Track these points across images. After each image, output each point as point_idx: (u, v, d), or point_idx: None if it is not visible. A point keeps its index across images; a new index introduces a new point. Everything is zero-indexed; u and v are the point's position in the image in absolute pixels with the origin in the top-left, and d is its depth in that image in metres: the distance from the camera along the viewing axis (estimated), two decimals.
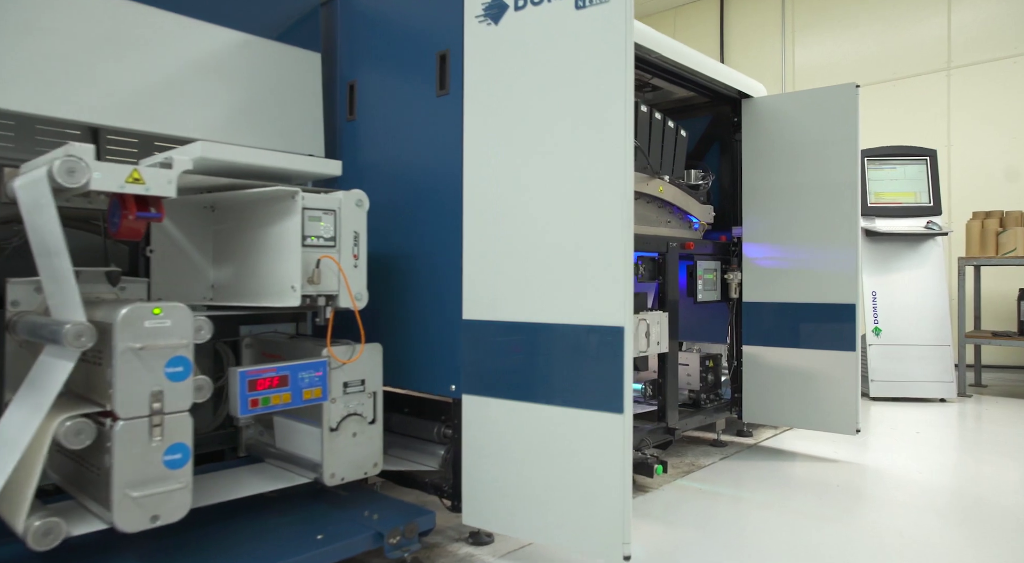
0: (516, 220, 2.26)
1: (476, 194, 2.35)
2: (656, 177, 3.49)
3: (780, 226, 3.87)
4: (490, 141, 2.32)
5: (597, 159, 2.08)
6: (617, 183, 2.04)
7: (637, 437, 3.38)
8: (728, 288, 4.02)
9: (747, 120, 3.99)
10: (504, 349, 2.29)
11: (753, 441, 4.15)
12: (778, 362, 3.87)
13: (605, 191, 2.06)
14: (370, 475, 2.32)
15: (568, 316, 2.13)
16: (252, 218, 2.31)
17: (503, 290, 2.28)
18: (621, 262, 2.03)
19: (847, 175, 3.66)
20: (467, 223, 2.37)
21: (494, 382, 2.31)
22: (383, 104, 2.74)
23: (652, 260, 3.55)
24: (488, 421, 2.32)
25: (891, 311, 5.51)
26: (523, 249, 2.24)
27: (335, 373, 2.22)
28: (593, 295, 2.08)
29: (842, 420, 3.69)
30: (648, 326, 3.31)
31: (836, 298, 3.69)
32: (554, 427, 2.17)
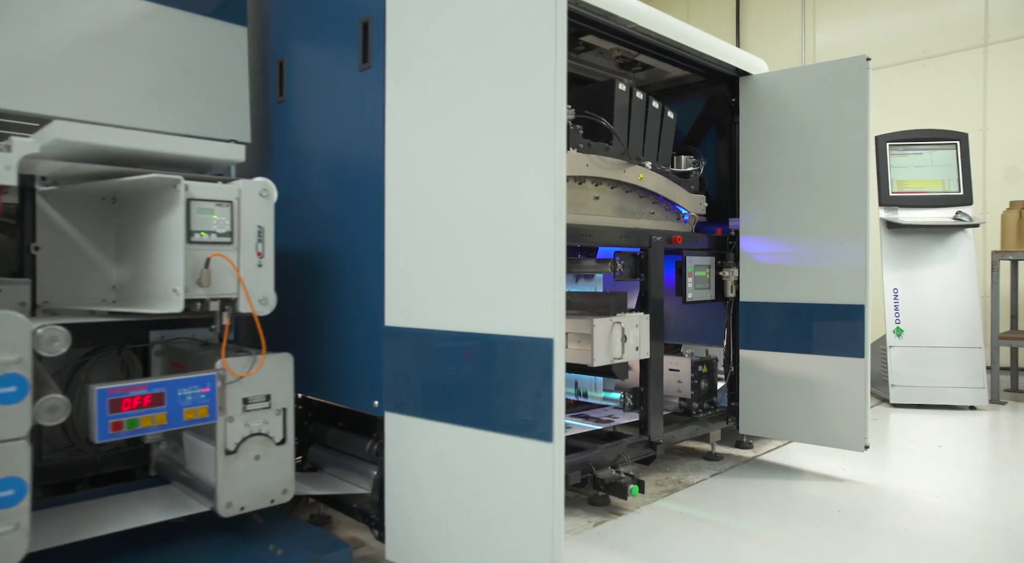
0: (439, 211, 1.94)
1: (398, 182, 2.04)
2: (636, 163, 3.14)
3: (781, 217, 3.48)
4: (412, 120, 2.01)
5: (521, 138, 1.75)
6: (545, 167, 1.71)
7: (614, 452, 3.05)
8: (724, 286, 3.65)
9: (745, 100, 3.61)
10: (428, 362, 1.98)
11: (752, 454, 3.78)
12: (778, 368, 3.50)
13: (530, 176, 1.73)
14: (278, 503, 2.04)
15: (490, 324, 1.82)
16: (145, 211, 2.04)
17: (425, 292, 1.98)
18: (550, 261, 1.70)
19: (856, 160, 3.26)
20: (389, 215, 2.07)
21: (418, 399, 2.00)
22: (312, 83, 2.45)
23: (633, 256, 3.21)
24: (412, 444, 2.01)
25: (914, 310, 5.06)
26: (445, 244, 1.92)
27: (232, 388, 1.93)
28: (517, 300, 1.76)
29: (849, 435, 3.30)
30: (623, 330, 2.97)
31: (843, 298, 3.30)
32: (479, 454, 1.85)
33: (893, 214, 5.18)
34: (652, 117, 3.29)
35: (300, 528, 2.15)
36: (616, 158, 3.03)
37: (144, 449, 2.33)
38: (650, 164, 3.21)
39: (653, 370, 3.23)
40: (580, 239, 2.87)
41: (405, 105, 2.02)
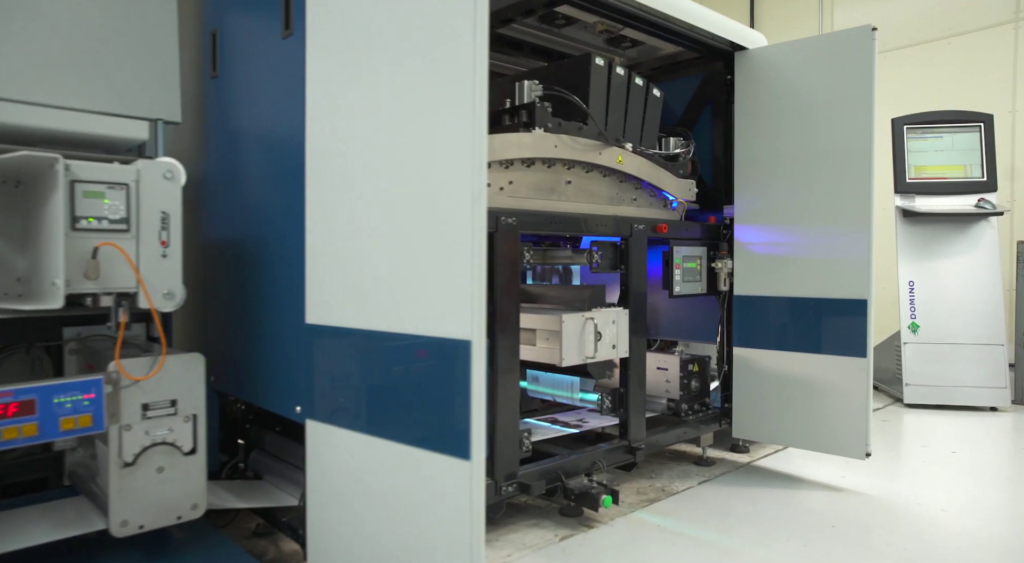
0: (356, 193, 1.72)
1: (318, 162, 1.82)
2: (614, 145, 2.87)
3: (778, 204, 3.20)
4: (332, 93, 1.78)
5: (436, 107, 1.52)
6: (461, 140, 1.47)
7: (589, 458, 2.82)
8: (716, 279, 3.38)
9: (741, 77, 3.32)
10: (345, 365, 1.76)
11: (748, 459, 3.51)
12: (774, 368, 3.22)
13: (447, 152, 1.50)
14: (186, 519, 1.84)
15: (404, 323, 1.59)
16: (40, 195, 1.84)
17: (342, 285, 1.76)
18: (467, 249, 1.46)
19: (860, 140, 2.96)
20: (309, 199, 1.85)
21: (337, 406, 1.79)
22: (243, 55, 2.23)
23: (612, 246, 2.95)
24: (333, 455, 1.80)
25: (931, 304, 4.73)
26: (361, 230, 1.70)
27: (129, 393, 1.73)
28: (431, 294, 1.53)
29: (849, 441, 3.02)
30: (596, 326, 2.73)
31: (844, 292, 3.01)
32: (397, 470, 1.63)
33: (910, 202, 4.84)
34: (635, 95, 3.03)
35: (217, 546, 1.96)
36: (591, 139, 2.78)
37: (57, 456, 2.15)
38: (631, 146, 2.94)
39: (634, 369, 2.98)
40: (549, 227, 2.62)
41: (325, 76, 1.79)
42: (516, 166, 2.56)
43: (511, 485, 2.49)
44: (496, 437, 2.45)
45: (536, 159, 2.61)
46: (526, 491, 2.52)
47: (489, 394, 2.46)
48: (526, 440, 2.61)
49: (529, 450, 2.61)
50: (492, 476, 2.46)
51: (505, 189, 2.53)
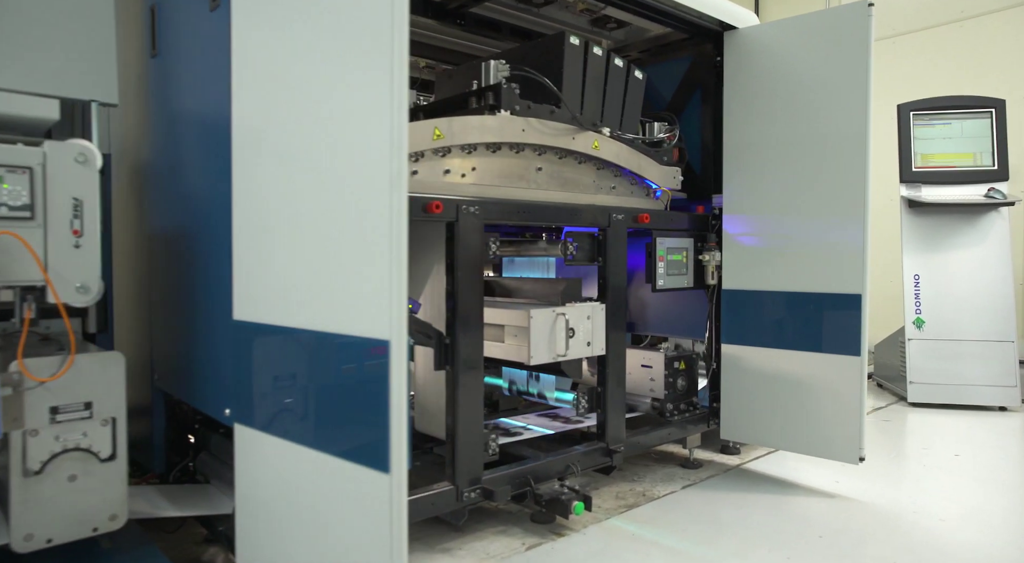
0: (278, 180, 1.57)
1: (243, 145, 1.67)
2: (590, 130, 2.70)
3: (768, 193, 3.01)
4: (256, 70, 1.63)
5: (355, 81, 1.36)
6: (378, 115, 1.31)
7: (562, 461, 2.66)
8: (704, 272, 3.20)
9: (730, 58, 3.13)
10: (269, 365, 1.62)
11: (738, 461, 3.34)
12: (764, 366, 3.05)
13: (366, 129, 1.34)
14: (104, 531, 1.70)
15: (323, 320, 1.44)
16: None
17: (267, 277, 1.61)
18: (385, 238, 1.31)
19: (855, 124, 2.77)
20: (236, 185, 1.70)
21: (262, 410, 1.64)
22: (178, 31, 2.08)
23: (589, 237, 2.79)
24: (260, 461, 1.66)
25: (938, 298, 4.52)
26: (284, 220, 1.55)
27: (34, 395, 1.60)
28: (350, 290, 1.38)
29: (842, 445, 2.84)
30: (568, 322, 2.56)
31: (838, 286, 2.83)
32: (320, 481, 1.49)
33: (916, 191, 4.62)
34: (614, 77, 2.85)
35: (145, 557, 1.82)
36: (564, 123, 2.61)
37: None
38: (609, 131, 2.77)
39: (612, 368, 2.82)
40: (517, 217, 2.46)
41: (249, 50, 1.64)
42: (480, 151, 2.40)
43: (474, 491, 2.35)
44: (457, 439, 2.31)
45: (502, 144, 2.45)
46: (489, 497, 2.37)
47: (450, 394, 2.32)
48: (493, 442, 2.46)
49: (496, 453, 2.46)
50: (453, 481, 2.31)
51: (468, 176, 2.37)
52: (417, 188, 2.23)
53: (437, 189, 2.29)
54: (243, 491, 1.71)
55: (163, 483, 2.39)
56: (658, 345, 3.61)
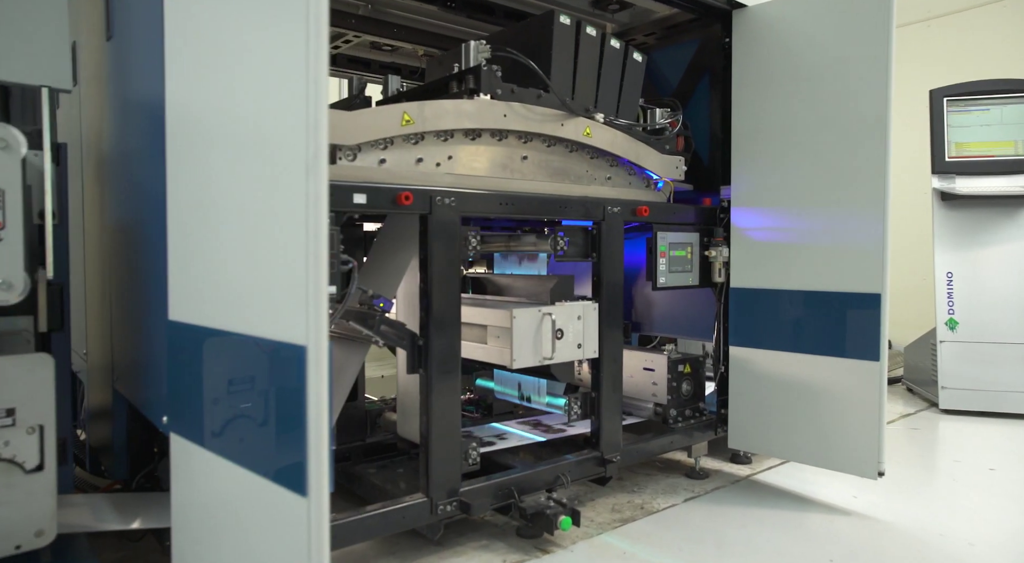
0: (203, 165, 1.42)
1: (176, 129, 1.53)
2: (582, 116, 2.51)
3: (779, 184, 2.79)
4: (186, 43, 1.48)
5: (269, 58, 1.21)
6: (295, 96, 1.15)
7: (553, 472, 2.49)
8: (711, 269, 2.99)
9: (739, 38, 2.90)
10: (202, 370, 1.47)
11: (748, 471, 3.12)
12: (775, 371, 2.82)
13: (279, 112, 1.19)
14: (28, 549, 1.58)
15: (246, 322, 1.29)
16: None
17: (200, 276, 1.46)
18: (301, 233, 1.15)
19: (875, 107, 2.53)
20: (169, 172, 1.56)
21: (198, 420, 1.50)
22: (128, 11, 1.95)
23: (583, 231, 2.60)
24: (193, 475, 1.52)
25: (973, 298, 4.21)
26: (208, 209, 1.40)
27: None
28: (268, 287, 1.23)
29: (859, 457, 2.61)
30: (555, 322, 2.38)
31: (855, 285, 2.60)
32: (247, 500, 1.34)
33: (949, 183, 4.32)
34: (610, 59, 2.65)
35: None
36: (553, 108, 2.42)
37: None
38: (602, 117, 2.57)
39: (607, 371, 2.63)
40: (499, 209, 2.29)
41: (180, 23, 1.50)
42: (458, 139, 2.23)
43: (450, 503, 2.19)
44: (431, 448, 2.15)
45: (483, 130, 2.28)
46: (466, 511, 2.20)
47: (424, 399, 2.16)
48: (473, 451, 2.29)
49: (476, 462, 2.30)
50: (427, 493, 2.15)
51: (443, 165, 2.20)
52: (385, 178, 2.07)
53: (409, 179, 2.13)
54: (178, 506, 1.58)
55: (126, 490, 2.29)
56: (662, 347, 3.40)
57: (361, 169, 2.02)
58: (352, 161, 2.00)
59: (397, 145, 2.09)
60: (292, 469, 1.18)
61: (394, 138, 2.07)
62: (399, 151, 2.10)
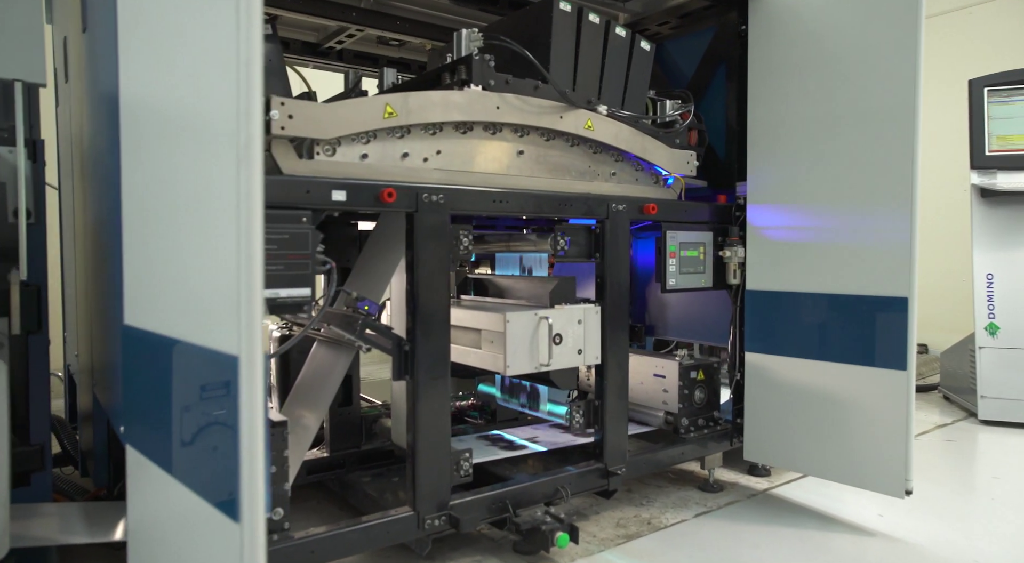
0: (148, 162, 1.33)
1: (129, 124, 1.44)
2: (582, 108, 2.37)
3: (798, 179, 2.61)
4: (140, 29, 1.39)
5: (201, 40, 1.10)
6: (225, 79, 1.05)
7: (552, 484, 2.35)
8: (725, 270, 2.82)
9: (756, 25, 2.73)
10: (153, 379, 1.38)
11: (766, 484, 2.94)
12: (793, 378, 2.65)
13: (210, 98, 1.08)
14: None
15: (184, 328, 1.19)
16: None
17: (147, 278, 1.37)
18: (231, 232, 1.04)
19: (902, 96, 2.34)
20: (124, 169, 1.47)
21: (148, 432, 1.41)
22: (97, 1, 1.88)
23: (586, 230, 2.46)
24: (146, 492, 1.43)
25: (1016, 301, 3.95)
26: (150, 207, 1.31)
27: None
28: (201, 291, 1.12)
29: (884, 474, 2.42)
30: (552, 327, 2.25)
31: (879, 288, 2.41)
32: (189, 521, 1.24)
33: (990, 179, 4.05)
34: (615, 48, 2.51)
35: None
36: (551, 100, 2.29)
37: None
38: (606, 109, 2.43)
39: (611, 378, 2.48)
40: (491, 207, 2.16)
41: (131, 7, 1.41)
42: (447, 132, 2.11)
43: (438, 517, 2.07)
44: (418, 459, 2.03)
45: (474, 123, 2.15)
46: (455, 526, 2.08)
47: (411, 407, 2.05)
48: (465, 462, 2.17)
49: (469, 474, 2.17)
50: (414, 506, 2.04)
51: (431, 160, 2.08)
52: (368, 174, 1.96)
53: (394, 175, 2.01)
54: (133, 521, 1.49)
55: (110, 498, 2.22)
56: (674, 351, 3.24)
57: (341, 164, 1.91)
58: (331, 156, 1.89)
59: (380, 139, 1.98)
60: (224, 491, 1.07)
61: (377, 132, 1.96)
62: (383, 145, 1.99)
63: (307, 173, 1.86)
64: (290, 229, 1.71)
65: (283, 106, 1.73)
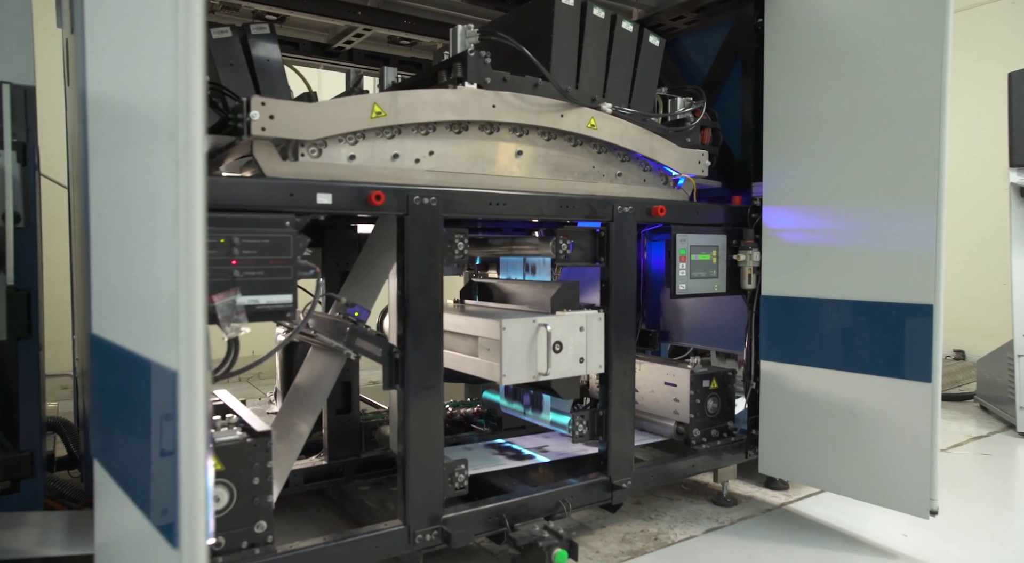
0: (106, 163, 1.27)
1: (93, 126, 1.40)
2: (585, 106, 2.27)
3: (816, 179, 2.47)
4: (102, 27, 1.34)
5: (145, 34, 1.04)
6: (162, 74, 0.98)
7: (552, 499, 2.26)
8: (740, 274, 2.69)
9: (772, 17, 2.60)
10: (111, 392, 1.33)
11: (784, 499, 2.81)
12: (810, 389, 2.51)
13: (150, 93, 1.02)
14: None
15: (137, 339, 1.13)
16: None
17: (106, 287, 1.32)
18: (171, 238, 0.98)
19: (927, 89, 2.19)
20: (91, 173, 1.43)
21: (109, 447, 1.36)
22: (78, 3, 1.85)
23: (590, 233, 2.37)
24: (108, 510, 1.38)
25: None
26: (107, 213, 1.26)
27: None
28: (144, 301, 1.06)
29: (907, 493, 2.27)
30: (550, 334, 2.16)
31: (903, 295, 2.26)
32: (137, 545, 1.18)
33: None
34: (621, 43, 2.41)
35: None
36: (553, 98, 2.20)
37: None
38: (610, 107, 2.33)
39: (616, 388, 2.38)
40: (488, 209, 2.08)
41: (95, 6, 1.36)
42: (440, 132, 2.03)
43: (430, 532, 1.99)
44: (408, 471, 1.96)
45: (470, 123, 2.07)
46: (447, 541, 2.00)
47: (401, 418, 1.97)
48: (460, 473, 2.09)
49: (464, 486, 2.10)
50: (404, 520, 1.97)
51: (423, 161, 2.01)
52: (356, 176, 1.90)
53: (383, 177, 1.95)
54: (99, 537, 1.44)
55: None
56: (685, 358, 3.12)
57: (327, 166, 1.85)
58: (317, 157, 1.83)
59: (369, 139, 1.91)
60: (166, 514, 1.01)
61: (365, 132, 1.89)
62: (372, 146, 1.92)
63: (291, 175, 1.80)
64: (270, 233, 1.65)
65: (264, 106, 1.68)
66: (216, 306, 1.57)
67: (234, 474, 1.71)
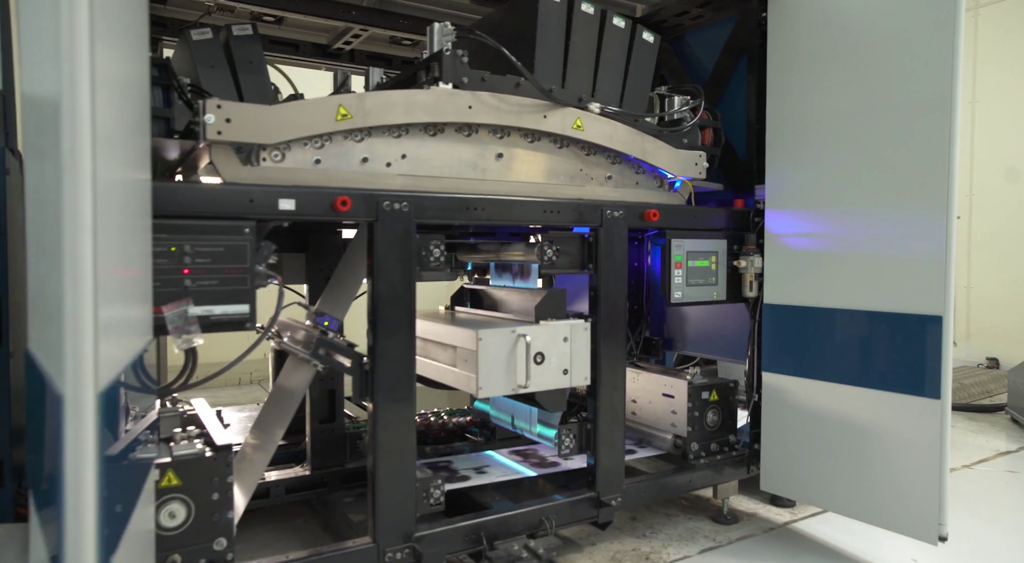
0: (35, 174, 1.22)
1: (25, 129, 1.35)
2: (571, 105, 2.17)
3: (820, 182, 2.34)
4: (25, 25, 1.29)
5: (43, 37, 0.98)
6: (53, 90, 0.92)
7: (536, 516, 2.17)
8: (741, 281, 2.56)
9: (775, 12, 2.47)
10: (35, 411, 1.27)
11: (788, 517, 2.67)
12: (813, 403, 2.37)
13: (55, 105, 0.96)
14: None
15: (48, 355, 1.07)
16: None
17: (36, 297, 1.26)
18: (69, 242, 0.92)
19: (936, 86, 2.05)
20: (27, 178, 1.38)
21: (34, 468, 1.30)
22: None
23: (578, 238, 2.27)
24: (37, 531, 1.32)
25: None
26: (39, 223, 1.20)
27: None
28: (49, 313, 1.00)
29: (913, 516, 2.12)
30: (529, 345, 2.06)
31: (911, 305, 2.12)
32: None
33: None
34: (612, 40, 2.30)
35: None
36: (535, 98, 2.10)
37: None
38: (598, 107, 2.22)
39: (605, 400, 2.28)
40: (464, 214, 1.99)
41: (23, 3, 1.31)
42: (413, 134, 1.95)
43: (403, 550, 1.92)
44: (378, 487, 1.89)
45: (446, 125, 1.99)
46: (419, 560, 1.92)
47: (371, 430, 1.90)
48: (436, 489, 2.01)
49: (440, 502, 2.02)
50: (374, 538, 1.89)
51: (395, 165, 1.93)
52: (322, 180, 1.83)
53: (352, 181, 1.87)
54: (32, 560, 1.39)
55: None
56: (688, 367, 3.00)
57: (291, 171, 1.78)
58: (280, 162, 1.77)
59: (336, 143, 1.84)
60: (57, 548, 0.94)
61: (332, 135, 1.82)
62: (339, 149, 1.85)
63: (252, 180, 1.74)
64: (225, 241, 1.59)
65: (219, 109, 1.62)
66: (166, 317, 1.51)
67: (192, 490, 1.66)
